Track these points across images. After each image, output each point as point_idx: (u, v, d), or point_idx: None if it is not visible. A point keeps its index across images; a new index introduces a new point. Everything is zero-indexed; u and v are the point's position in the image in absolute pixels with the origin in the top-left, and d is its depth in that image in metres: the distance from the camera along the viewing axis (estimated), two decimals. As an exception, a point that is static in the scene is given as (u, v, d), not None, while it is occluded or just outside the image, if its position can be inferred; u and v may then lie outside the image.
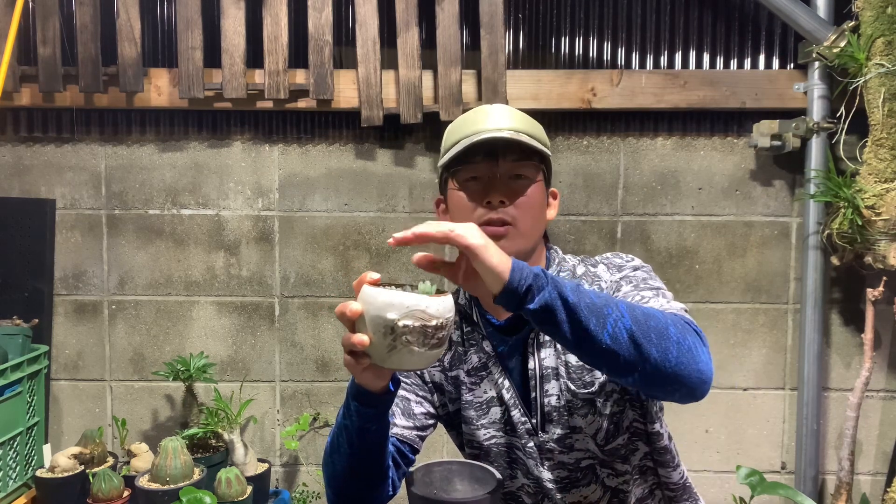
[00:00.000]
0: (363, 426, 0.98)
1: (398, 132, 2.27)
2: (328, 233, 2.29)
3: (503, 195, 1.06)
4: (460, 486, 1.03)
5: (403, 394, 1.19)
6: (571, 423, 1.11)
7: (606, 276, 1.12)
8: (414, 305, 0.79)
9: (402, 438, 1.16)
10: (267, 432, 2.35)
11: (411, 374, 1.20)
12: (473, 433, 1.18)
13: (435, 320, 0.80)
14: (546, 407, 1.12)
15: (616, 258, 1.16)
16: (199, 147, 2.28)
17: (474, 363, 1.17)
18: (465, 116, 1.14)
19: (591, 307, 0.85)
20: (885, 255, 1.99)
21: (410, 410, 1.18)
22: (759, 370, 2.30)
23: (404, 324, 0.79)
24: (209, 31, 2.18)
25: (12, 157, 2.27)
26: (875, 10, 1.98)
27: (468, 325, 1.19)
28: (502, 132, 1.06)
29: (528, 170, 1.09)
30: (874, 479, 2.31)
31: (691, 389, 0.89)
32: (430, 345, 0.81)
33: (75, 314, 2.30)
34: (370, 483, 1.06)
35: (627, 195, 2.27)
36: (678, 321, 0.91)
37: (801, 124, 2.12)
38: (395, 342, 0.80)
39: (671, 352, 0.86)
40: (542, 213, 1.12)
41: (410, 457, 1.18)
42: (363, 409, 0.97)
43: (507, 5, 2.21)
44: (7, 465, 1.96)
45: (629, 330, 0.85)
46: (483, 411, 1.17)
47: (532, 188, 1.09)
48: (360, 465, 1.03)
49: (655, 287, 1.08)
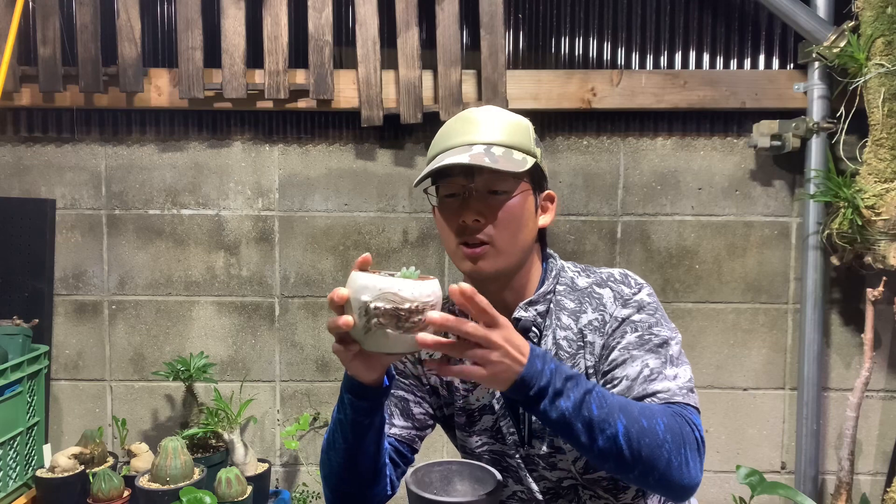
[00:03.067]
0: (356, 419, 0.99)
1: (398, 132, 2.27)
2: (328, 233, 2.29)
3: (478, 213, 1.03)
4: (460, 486, 1.03)
5: (402, 394, 1.18)
6: (556, 444, 1.11)
7: (610, 307, 1.08)
8: (386, 288, 0.81)
9: (401, 439, 1.16)
10: (267, 432, 2.35)
11: (409, 376, 1.19)
12: (465, 439, 1.19)
13: (408, 303, 0.81)
14: (534, 423, 1.12)
15: (624, 284, 1.11)
16: (199, 147, 2.28)
17: None
18: (448, 125, 1.10)
19: (590, 424, 0.88)
20: (885, 255, 1.99)
21: (409, 411, 1.18)
22: (759, 370, 2.30)
23: (375, 305, 0.81)
24: (209, 31, 2.19)
25: (12, 157, 2.27)
26: (875, 10, 1.98)
27: None
28: (475, 147, 1.02)
29: (505, 184, 1.04)
30: (874, 479, 2.31)
31: (673, 497, 0.97)
32: (404, 328, 0.82)
33: (75, 314, 2.30)
34: (366, 479, 1.06)
35: (627, 195, 2.27)
36: (676, 431, 0.93)
37: (801, 124, 2.12)
38: (368, 323, 0.82)
39: (658, 469, 0.91)
40: (526, 226, 1.07)
41: (409, 456, 1.18)
42: (356, 401, 0.97)
43: (507, 5, 2.22)
44: (7, 465, 1.96)
45: (622, 447, 0.88)
46: (475, 418, 1.16)
47: (511, 202, 1.04)
48: (354, 460, 1.03)
49: (662, 340, 1.04)
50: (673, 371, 1.02)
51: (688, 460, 0.92)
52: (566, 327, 1.10)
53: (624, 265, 2.26)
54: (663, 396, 0.99)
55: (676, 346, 1.06)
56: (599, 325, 1.08)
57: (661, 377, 1.01)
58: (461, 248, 1.06)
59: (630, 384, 1.01)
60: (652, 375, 1.01)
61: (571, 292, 1.12)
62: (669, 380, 1.01)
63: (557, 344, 1.10)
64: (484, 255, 1.04)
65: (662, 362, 1.02)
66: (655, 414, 0.93)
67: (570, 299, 1.12)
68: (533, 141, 1.09)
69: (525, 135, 1.08)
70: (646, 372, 1.01)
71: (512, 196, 1.04)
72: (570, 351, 1.09)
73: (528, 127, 1.10)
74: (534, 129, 1.12)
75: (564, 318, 1.11)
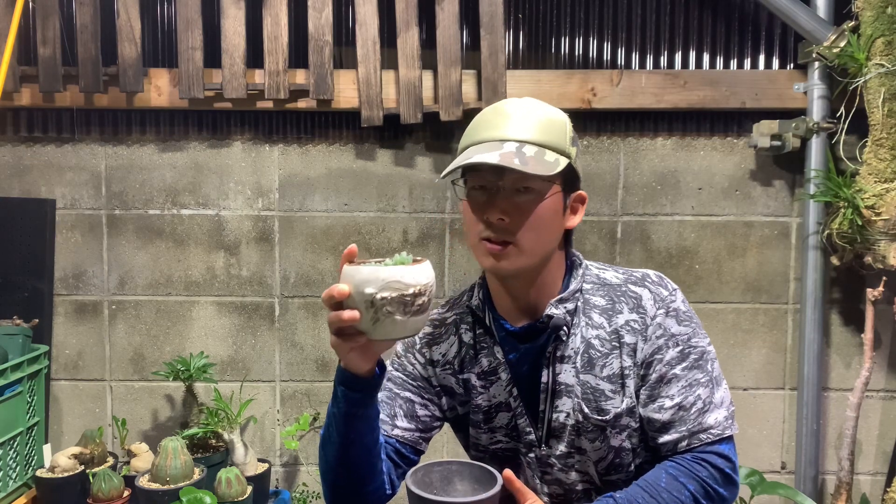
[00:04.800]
0: (349, 411, 0.99)
1: (398, 132, 2.27)
2: (328, 233, 2.29)
3: (503, 212, 1.01)
4: (460, 486, 1.03)
5: (408, 395, 1.18)
6: (577, 444, 1.10)
7: (651, 310, 1.07)
8: (390, 277, 0.84)
9: (403, 440, 1.16)
10: (267, 432, 2.35)
11: (417, 378, 1.19)
12: (479, 436, 1.18)
13: (412, 288, 0.85)
14: (554, 422, 1.10)
15: (662, 287, 1.10)
16: (199, 147, 2.28)
17: (484, 367, 1.14)
18: (482, 116, 1.07)
19: None
20: (885, 255, 1.99)
21: (414, 413, 1.17)
22: (759, 370, 2.30)
23: (382, 296, 0.84)
24: (209, 32, 2.18)
25: (12, 157, 2.27)
26: (875, 10, 1.98)
27: (481, 327, 1.16)
28: (506, 145, 1.00)
29: (534, 184, 1.01)
30: (874, 479, 2.31)
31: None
32: (411, 312, 0.85)
33: (75, 314, 2.30)
34: (361, 473, 1.06)
35: (627, 195, 2.27)
36: (701, 493, 1.02)
37: (801, 124, 2.12)
38: (377, 314, 0.85)
39: None
40: (551, 227, 1.05)
41: (412, 457, 1.18)
42: (350, 393, 0.98)
43: (507, 5, 2.21)
44: (7, 465, 1.96)
45: None
46: (490, 415, 1.15)
47: (539, 204, 1.02)
48: (349, 453, 1.03)
49: (700, 352, 1.08)
50: (719, 395, 1.08)
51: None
52: (598, 326, 1.09)
53: (624, 265, 2.25)
54: (716, 433, 1.05)
55: (714, 359, 1.10)
56: (640, 327, 1.07)
57: (712, 407, 1.06)
58: (484, 243, 1.04)
59: (683, 415, 1.06)
60: (705, 407, 1.06)
61: (600, 288, 1.11)
62: (718, 407, 1.07)
63: (588, 343, 1.08)
64: (506, 255, 1.03)
65: (710, 389, 1.07)
66: (682, 494, 1.01)
67: (599, 296, 1.10)
68: (569, 140, 1.05)
69: (560, 133, 1.04)
70: (699, 405, 1.06)
71: (540, 197, 1.02)
72: (603, 350, 1.08)
73: (565, 124, 1.06)
74: (571, 126, 1.08)
75: (595, 317, 1.09)
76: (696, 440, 1.04)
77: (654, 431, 1.07)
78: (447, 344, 1.18)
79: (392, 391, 1.18)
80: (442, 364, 1.18)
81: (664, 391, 1.06)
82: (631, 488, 1.02)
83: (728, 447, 1.06)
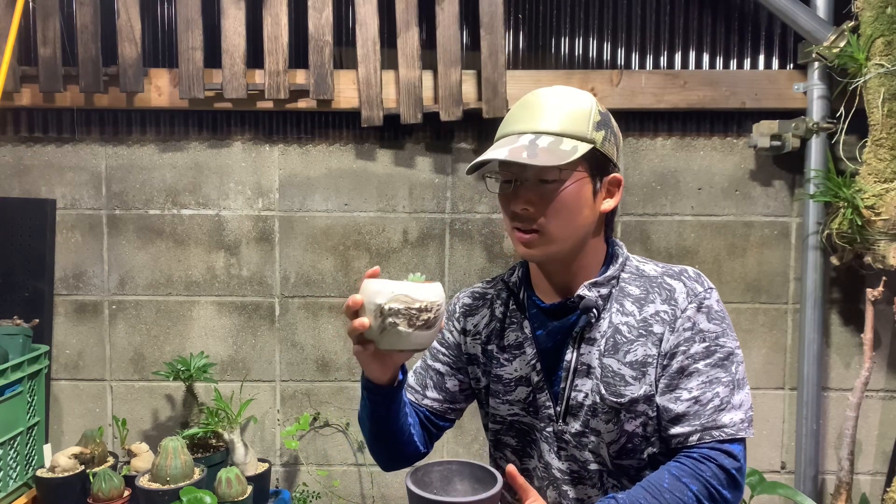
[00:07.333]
0: (374, 409, 1.10)
1: (398, 132, 2.27)
2: (328, 233, 2.30)
3: (526, 202, 1.05)
4: (460, 485, 1.04)
5: (438, 367, 1.26)
6: (592, 424, 1.11)
7: (682, 302, 1.09)
8: (399, 290, 0.92)
9: (432, 410, 1.25)
10: (267, 432, 2.35)
11: (451, 346, 1.26)
12: (498, 407, 1.21)
13: (418, 303, 0.92)
14: (572, 401, 1.12)
15: (697, 283, 1.11)
16: (200, 147, 2.28)
17: (511, 340, 1.19)
18: (512, 109, 1.11)
19: None
20: (884, 255, 1.99)
21: (443, 384, 1.26)
22: (759, 370, 2.30)
23: (390, 307, 0.91)
24: (209, 32, 2.19)
25: (12, 157, 2.27)
26: (875, 10, 1.98)
27: (514, 303, 1.20)
28: (521, 138, 1.03)
29: (554, 173, 1.03)
30: (874, 478, 2.31)
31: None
32: (416, 326, 0.92)
33: (76, 314, 2.30)
34: (394, 447, 1.18)
35: (627, 195, 2.27)
36: (705, 494, 1.01)
37: (801, 124, 2.12)
38: (384, 323, 0.92)
39: None
40: (580, 213, 1.06)
41: (441, 424, 1.28)
42: (373, 396, 1.08)
43: (507, 5, 2.22)
44: (7, 465, 1.96)
45: None
46: (510, 388, 1.19)
47: (562, 191, 1.04)
48: (379, 436, 1.16)
49: (727, 353, 1.07)
50: (739, 398, 1.07)
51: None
52: (629, 313, 1.11)
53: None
54: (729, 432, 1.05)
55: (741, 362, 1.09)
56: (669, 319, 1.09)
57: (730, 407, 1.05)
58: (515, 232, 1.09)
59: (699, 409, 1.05)
60: (722, 406, 1.05)
61: (637, 279, 1.14)
62: (736, 409, 1.06)
63: (615, 328, 1.11)
64: (534, 242, 1.07)
65: (731, 389, 1.06)
66: (685, 495, 1.01)
67: (635, 286, 1.13)
68: (591, 125, 1.06)
69: (581, 121, 1.05)
70: (716, 402, 1.05)
71: (564, 184, 1.04)
72: (630, 337, 1.10)
73: (589, 110, 1.07)
74: (598, 111, 1.08)
75: (628, 305, 1.12)
76: (708, 436, 1.05)
77: (667, 422, 1.08)
78: (480, 316, 1.25)
79: (426, 362, 1.28)
80: (472, 334, 1.24)
81: (683, 383, 1.07)
82: (633, 489, 1.03)
83: (739, 448, 1.05)
